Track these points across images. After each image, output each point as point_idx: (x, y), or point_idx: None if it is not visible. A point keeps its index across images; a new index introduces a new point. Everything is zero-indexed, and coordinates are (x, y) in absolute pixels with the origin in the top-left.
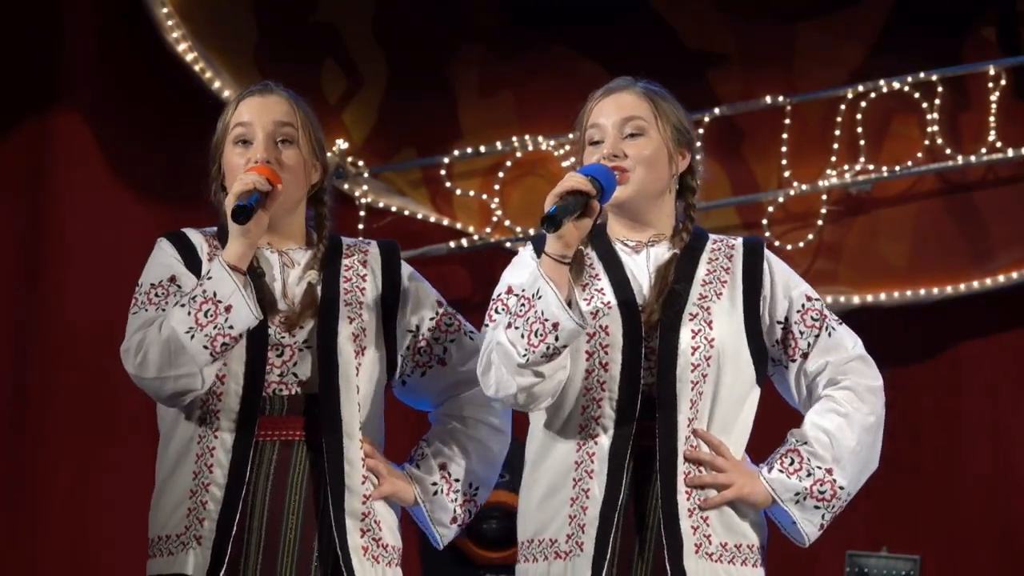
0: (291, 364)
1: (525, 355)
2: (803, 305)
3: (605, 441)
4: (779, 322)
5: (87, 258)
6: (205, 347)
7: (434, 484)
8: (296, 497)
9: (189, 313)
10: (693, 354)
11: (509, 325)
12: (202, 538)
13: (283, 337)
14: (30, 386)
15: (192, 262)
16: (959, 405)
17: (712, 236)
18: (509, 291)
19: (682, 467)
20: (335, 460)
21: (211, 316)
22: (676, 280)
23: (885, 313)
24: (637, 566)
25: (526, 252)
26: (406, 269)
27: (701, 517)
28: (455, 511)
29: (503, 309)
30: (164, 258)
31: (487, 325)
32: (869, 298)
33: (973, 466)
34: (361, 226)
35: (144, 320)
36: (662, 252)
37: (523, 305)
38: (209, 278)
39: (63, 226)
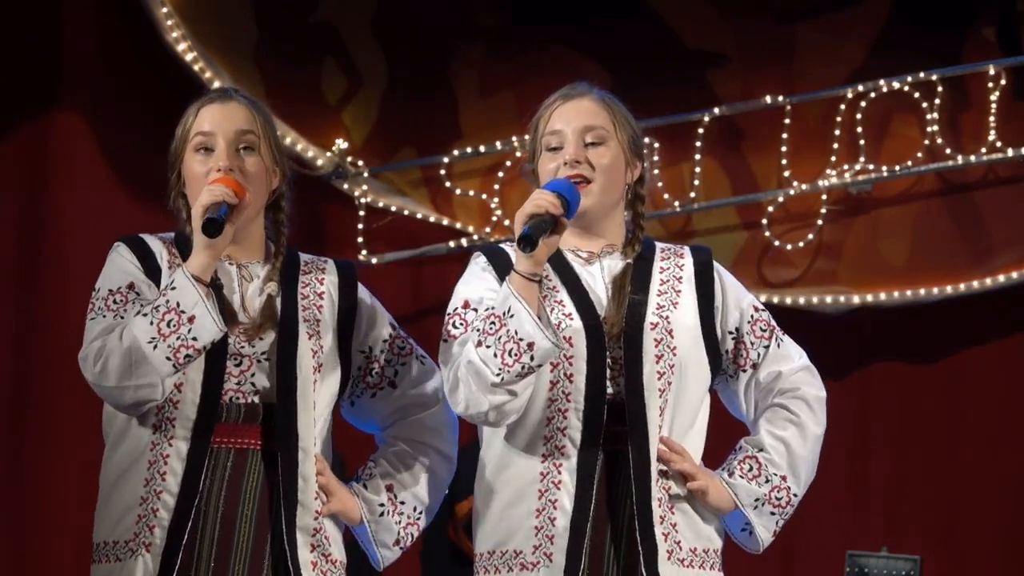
0: (249, 374)
1: (499, 374)
2: (752, 316)
3: (573, 452)
4: (730, 332)
5: (87, 258)
6: (168, 358)
7: (381, 505)
8: (249, 507)
9: (152, 323)
10: (658, 362)
11: (479, 343)
12: (152, 545)
13: (242, 347)
14: (31, 386)
15: (151, 269)
16: (959, 405)
17: (659, 245)
18: (466, 305)
19: (656, 473)
20: (289, 474)
21: (174, 327)
22: (635, 291)
23: (885, 313)
24: (607, 574)
25: (478, 264)
26: (362, 290)
27: (671, 524)
28: (399, 533)
29: (461, 324)
30: (122, 264)
31: (445, 340)
32: (869, 298)
33: (973, 466)
34: (361, 226)
35: (103, 327)
36: (615, 263)
37: (493, 323)
38: (173, 288)
39: (63, 226)
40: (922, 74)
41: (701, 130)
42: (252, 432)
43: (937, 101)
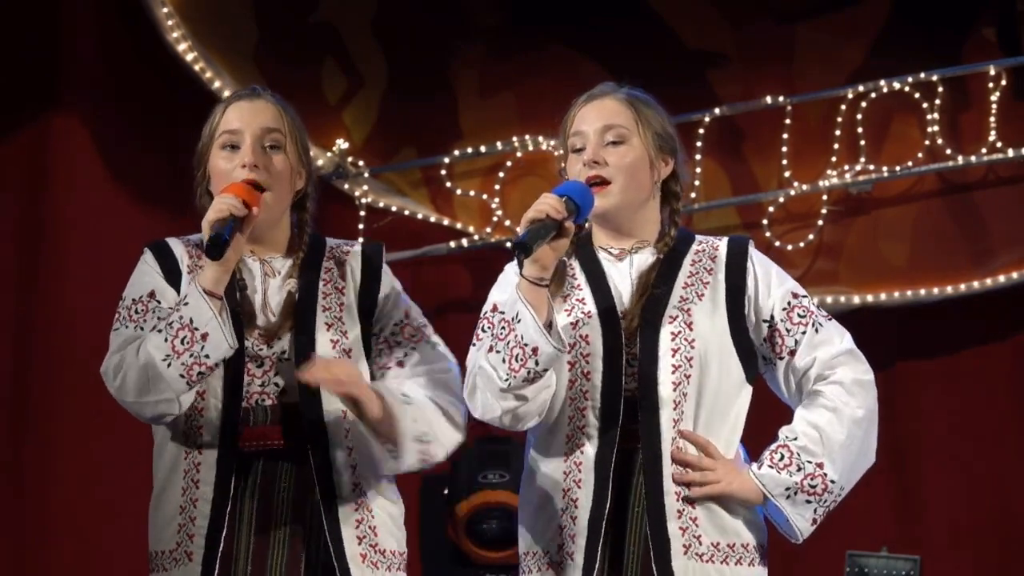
0: (271, 374)
1: (507, 379)
2: (789, 303)
3: (591, 450)
4: (765, 320)
5: (87, 258)
6: (182, 376)
7: (404, 395)
8: (284, 507)
9: (166, 340)
10: (674, 356)
11: (491, 349)
12: (192, 554)
13: (261, 349)
14: (31, 386)
15: (171, 273)
16: (959, 405)
17: (698, 238)
18: (494, 309)
19: (668, 469)
20: (323, 470)
21: (187, 344)
22: (656, 285)
23: (885, 313)
24: (627, 570)
25: (510, 269)
26: (387, 274)
27: (690, 518)
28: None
29: (489, 328)
30: (145, 270)
31: (474, 344)
32: (869, 298)
33: (973, 466)
34: (361, 226)
35: (124, 339)
36: (645, 259)
37: (504, 328)
38: (186, 304)
39: (63, 226)
40: (922, 74)
41: (701, 130)
42: (280, 433)
43: (937, 101)
